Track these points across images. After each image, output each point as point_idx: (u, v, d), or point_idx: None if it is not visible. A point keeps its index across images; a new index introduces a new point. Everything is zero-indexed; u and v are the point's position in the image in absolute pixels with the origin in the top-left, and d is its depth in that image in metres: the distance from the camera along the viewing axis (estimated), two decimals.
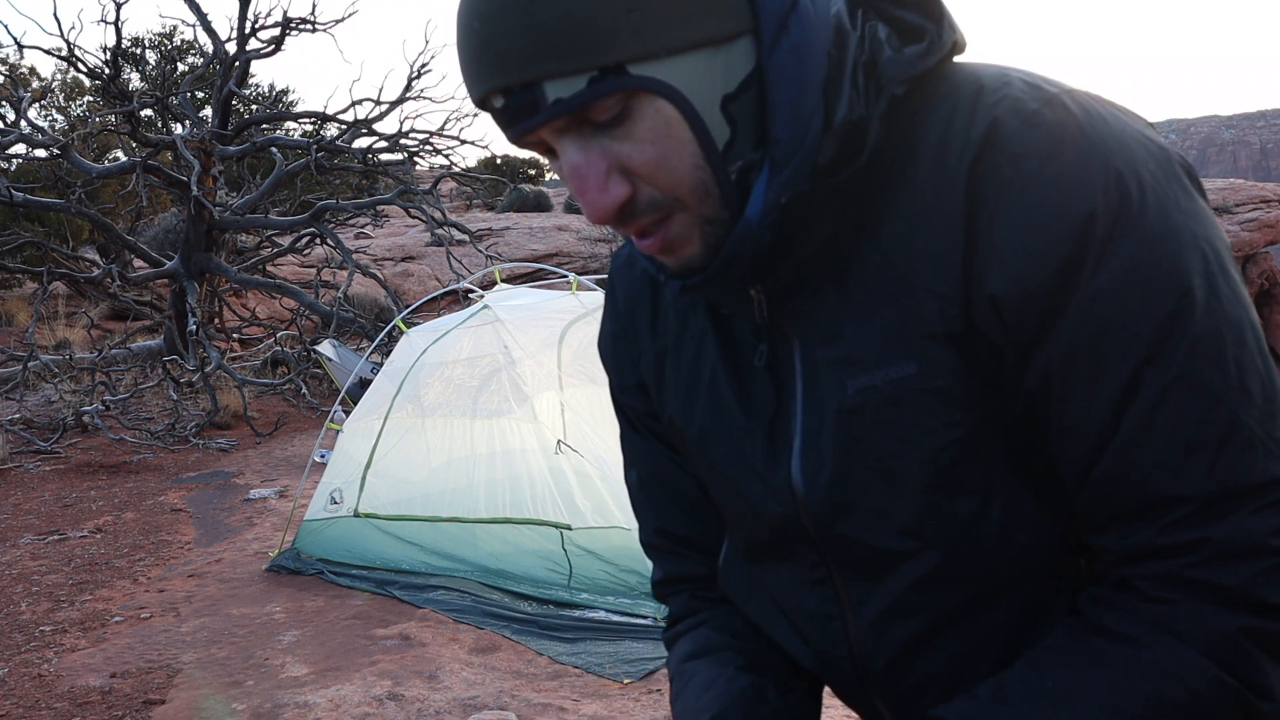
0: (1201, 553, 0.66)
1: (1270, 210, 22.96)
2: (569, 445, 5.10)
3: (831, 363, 0.77)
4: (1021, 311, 0.69)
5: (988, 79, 0.73)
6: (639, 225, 0.74)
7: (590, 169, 0.71)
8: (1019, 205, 0.68)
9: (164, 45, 18.93)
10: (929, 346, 0.73)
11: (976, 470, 0.75)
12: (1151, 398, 0.67)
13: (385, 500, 5.37)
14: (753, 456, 0.84)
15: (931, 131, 0.72)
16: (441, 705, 3.53)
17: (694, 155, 0.71)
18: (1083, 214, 0.67)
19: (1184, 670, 0.66)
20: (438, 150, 12.81)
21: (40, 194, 11.98)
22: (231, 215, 11.64)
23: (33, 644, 4.38)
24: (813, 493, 0.80)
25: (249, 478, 7.66)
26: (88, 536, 6.16)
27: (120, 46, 10.74)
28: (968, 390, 0.73)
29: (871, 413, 0.75)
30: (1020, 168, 0.68)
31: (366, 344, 10.54)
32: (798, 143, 0.71)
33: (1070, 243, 0.67)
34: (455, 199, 25.51)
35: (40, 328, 11.79)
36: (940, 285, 0.72)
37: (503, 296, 5.68)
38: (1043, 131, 0.69)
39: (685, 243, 0.75)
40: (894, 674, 0.83)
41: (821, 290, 0.78)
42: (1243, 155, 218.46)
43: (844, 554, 0.82)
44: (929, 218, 0.72)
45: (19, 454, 8.49)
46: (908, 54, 0.72)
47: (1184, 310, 0.67)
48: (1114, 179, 0.67)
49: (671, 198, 0.72)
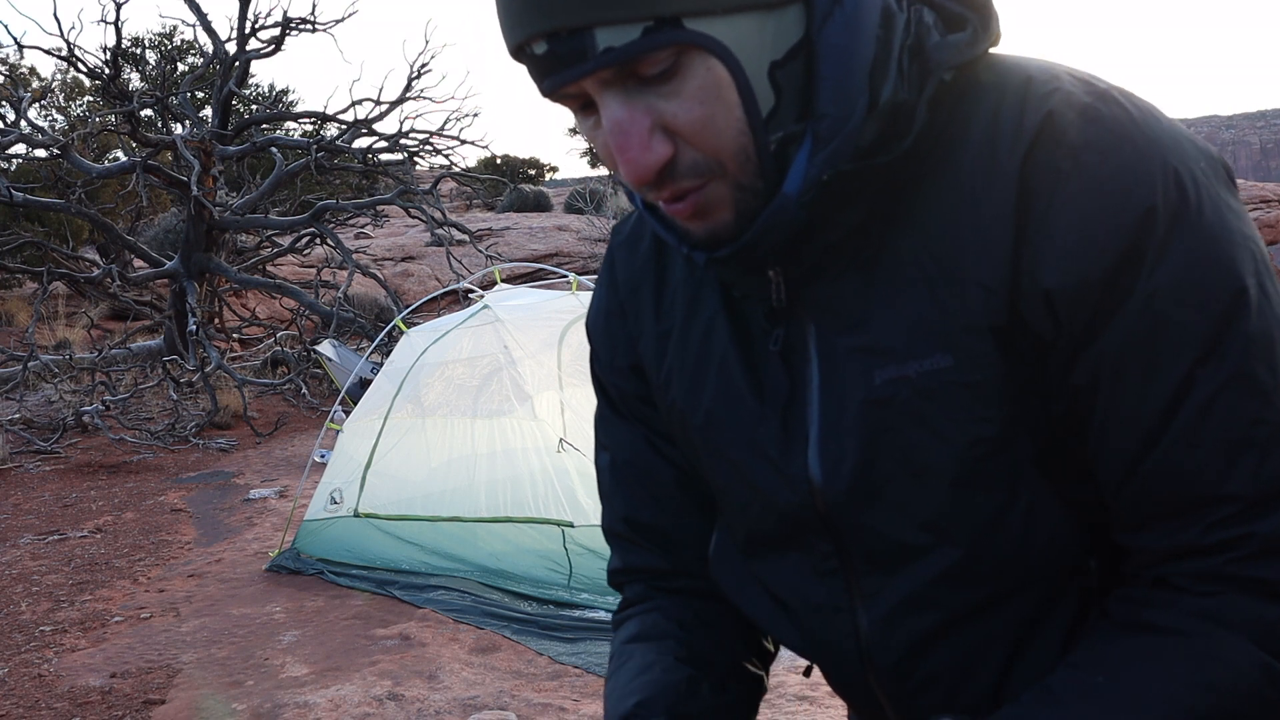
0: (1245, 549, 0.66)
1: (1270, 210, 22.97)
2: (571, 444, 5.10)
3: (856, 351, 0.76)
4: (1076, 306, 0.68)
5: (1035, 71, 0.72)
6: (676, 188, 0.71)
7: (634, 125, 0.68)
8: (1079, 198, 0.67)
9: (164, 45, 18.94)
10: (968, 339, 0.71)
11: (1004, 468, 0.74)
12: (1205, 396, 0.67)
13: (385, 500, 5.37)
14: (766, 443, 0.82)
15: (978, 121, 0.71)
16: (441, 705, 3.53)
17: (739, 119, 0.69)
18: (1143, 208, 0.66)
19: (1236, 656, 0.66)
20: (438, 150, 12.81)
21: (40, 194, 11.97)
22: (231, 215, 11.64)
23: (33, 644, 4.38)
24: (833, 483, 0.78)
25: (249, 478, 7.65)
26: (88, 536, 6.16)
27: (120, 46, 10.74)
28: (1004, 386, 0.72)
29: (901, 404, 0.74)
30: (1080, 160, 0.67)
31: (366, 344, 10.53)
32: (843, 120, 0.70)
33: (1130, 237, 0.66)
34: (455, 199, 25.50)
35: (40, 328, 11.78)
36: (986, 277, 0.70)
37: (503, 296, 5.68)
38: (1101, 126, 0.68)
39: (718, 209, 0.72)
40: (902, 668, 0.82)
41: (844, 277, 0.76)
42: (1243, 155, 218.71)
43: (861, 546, 0.80)
44: (976, 208, 0.71)
45: (19, 454, 8.49)
46: (954, 40, 0.71)
47: (1239, 309, 0.66)
48: (1172, 176, 0.67)
49: (714, 161, 0.70)
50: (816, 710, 3.28)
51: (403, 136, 12.44)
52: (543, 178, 33.28)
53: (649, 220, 0.81)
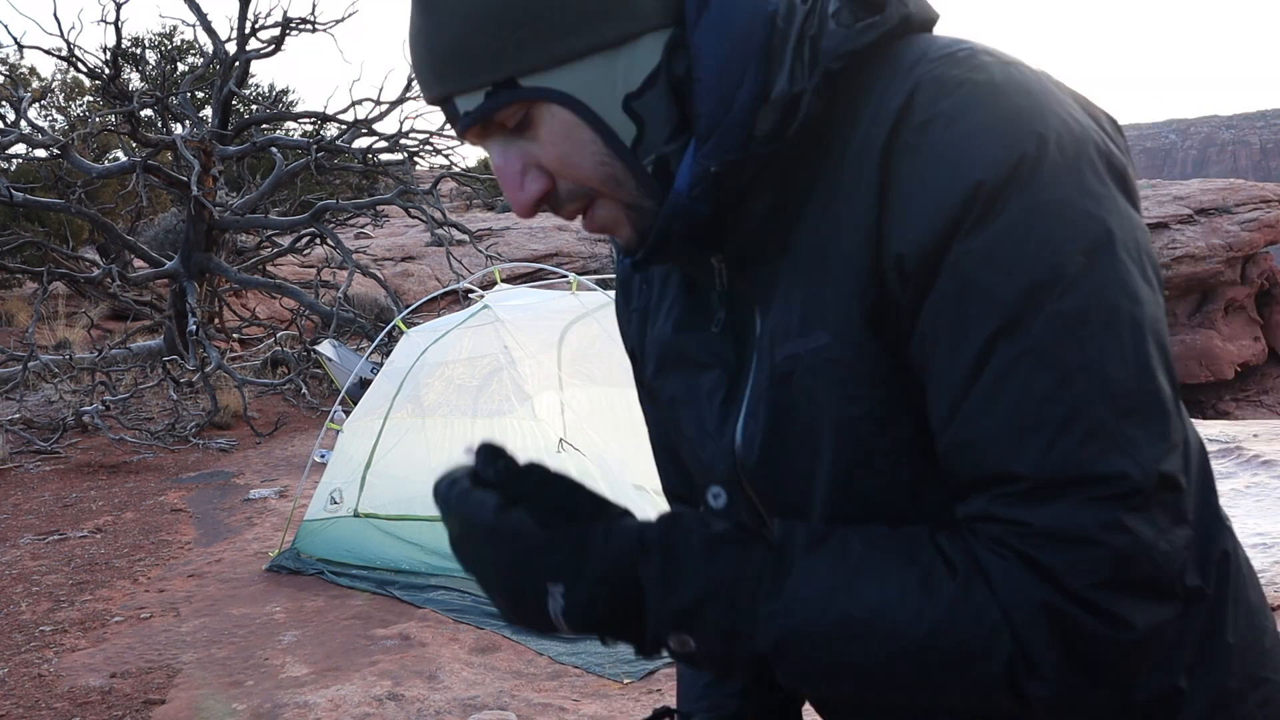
0: (1024, 531, 0.66)
1: (1270, 210, 22.95)
2: (571, 444, 5.10)
3: (770, 331, 0.80)
4: (915, 274, 0.69)
5: (932, 49, 0.73)
6: (568, 211, 0.80)
7: (509, 167, 0.78)
8: (922, 169, 0.69)
9: (164, 45, 18.93)
10: (842, 317, 0.74)
11: (886, 446, 0.75)
12: (1000, 366, 0.67)
13: (385, 500, 5.37)
14: (707, 419, 0.87)
15: (869, 104, 0.73)
16: (441, 705, 3.53)
17: (596, 152, 0.76)
18: (973, 181, 0.67)
19: (979, 610, 0.67)
20: (438, 150, 12.81)
21: (40, 194, 11.97)
22: (231, 215, 11.64)
23: (33, 644, 4.38)
24: (747, 455, 0.82)
25: (249, 478, 7.66)
26: (88, 536, 6.16)
27: (120, 46, 10.74)
28: (873, 365, 0.73)
29: (795, 381, 0.77)
30: (925, 132, 0.69)
31: (366, 344, 10.53)
32: (720, 115, 0.74)
33: (957, 206, 0.67)
34: (455, 199, 25.50)
35: (40, 328, 11.78)
36: (855, 254, 0.72)
37: (503, 296, 5.68)
38: (953, 98, 0.69)
39: (616, 225, 0.80)
40: None
41: (772, 260, 0.80)
42: (1243, 155, 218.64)
43: (775, 515, 0.83)
44: (853, 187, 0.73)
45: (19, 454, 8.49)
46: (850, 30, 0.73)
47: (1051, 283, 0.66)
48: (1013, 147, 0.67)
49: (587, 189, 0.78)
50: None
51: (403, 136, 12.44)
52: None
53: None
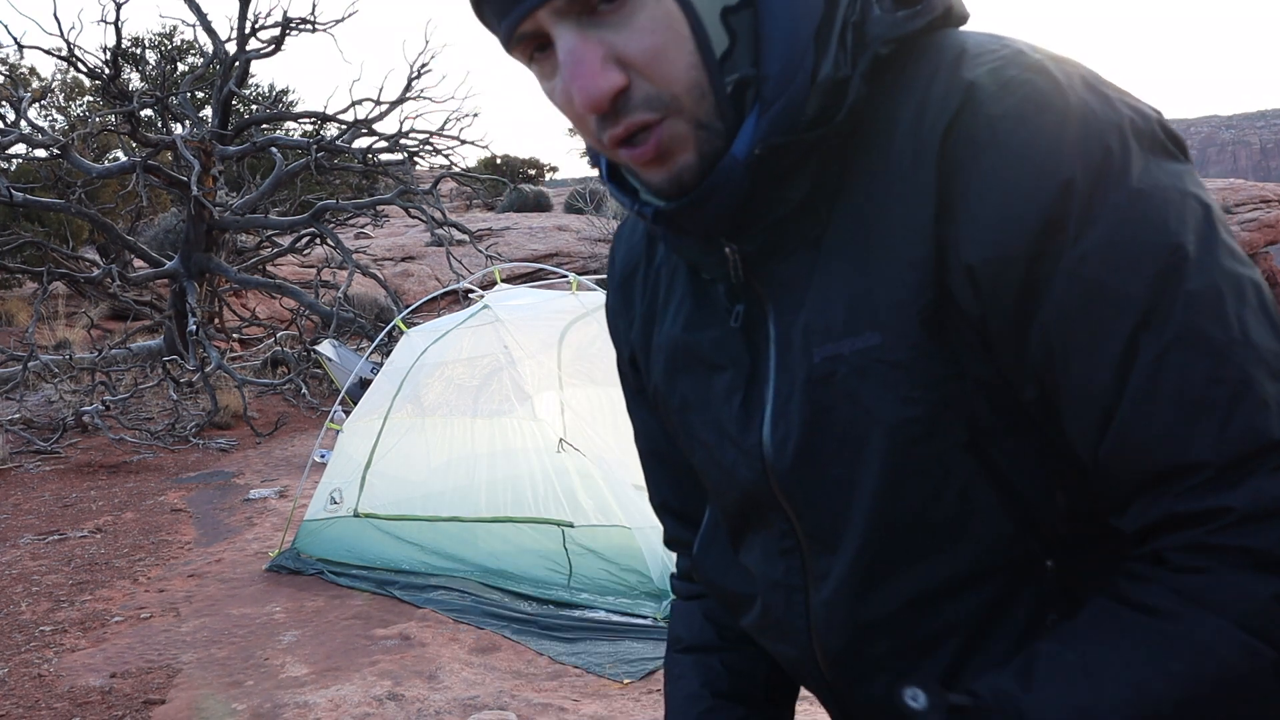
0: (1225, 519, 0.62)
1: (1270, 210, 22.96)
2: (571, 444, 5.10)
3: (801, 330, 0.77)
4: (999, 280, 0.67)
5: (973, 45, 0.72)
6: (632, 121, 0.71)
7: (587, 54, 0.70)
8: (996, 170, 0.67)
9: (164, 45, 18.93)
10: (896, 317, 0.71)
11: (933, 452, 0.73)
12: (1151, 361, 0.64)
13: (385, 500, 5.37)
14: (728, 422, 0.84)
15: (912, 96, 0.71)
16: (441, 705, 3.53)
17: (691, 54, 0.70)
18: (1061, 179, 0.65)
19: (1216, 642, 0.62)
20: (438, 150, 12.81)
21: (40, 194, 11.97)
22: (231, 215, 11.64)
23: (33, 644, 4.38)
24: (780, 459, 0.79)
25: (249, 478, 7.66)
26: (88, 536, 6.16)
27: (120, 46, 10.74)
28: (929, 368, 0.71)
29: (837, 382, 0.74)
30: (996, 131, 0.67)
31: (366, 344, 10.53)
32: (786, 82, 0.71)
33: (1049, 207, 0.65)
34: (455, 199, 25.50)
35: (40, 328, 11.78)
36: (911, 253, 0.70)
37: (503, 296, 5.67)
38: (1019, 95, 0.67)
39: (680, 148, 0.72)
40: (846, 654, 0.82)
41: (796, 255, 0.77)
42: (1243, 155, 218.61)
43: (808, 523, 0.81)
44: (904, 183, 0.70)
45: (19, 454, 8.49)
46: (897, 16, 0.72)
47: (1176, 266, 0.64)
48: (1095, 140, 0.66)
49: (667, 95, 0.70)
50: (817, 710, 3.28)
51: (403, 136, 12.44)
52: (543, 178, 33.28)
53: (608, 188, 0.83)
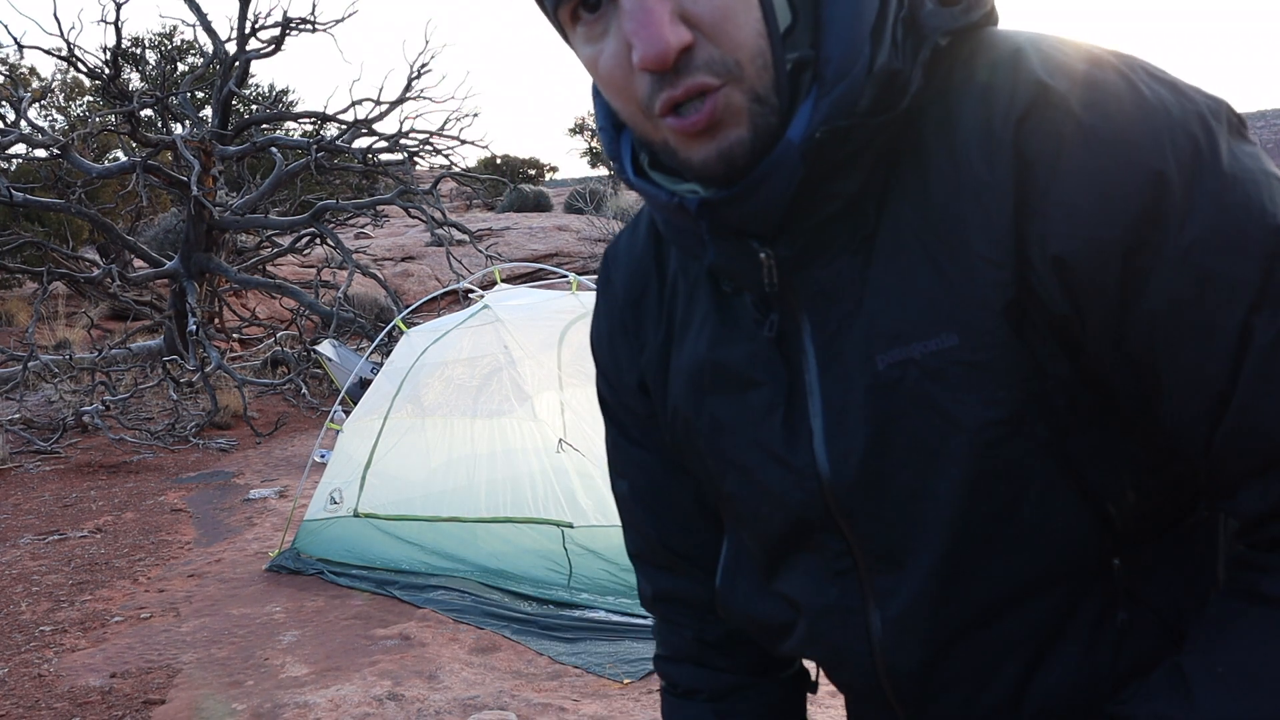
0: None
1: None
2: (570, 444, 5.10)
3: (857, 335, 0.74)
4: (1094, 271, 0.66)
5: (1026, 41, 0.71)
6: (693, 83, 0.68)
7: (657, 5, 0.67)
8: (1085, 162, 0.65)
9: (164, 45, 18.94)
10: (975, 316, 0.69)
11: (1016, 453, 0.71)
12: (1268, 342, 0.64)
13: (385, 500, 5.37)
14: (770, 441, 0.80)
15: (971, 91, 0.70)
16: (441, 705, 3.53)
17: (758, 22, 0.68)
18: (1153, 170, 0.64)
19: None
20: (438, 150, 12.81)
21: (40, 194, 11.96)
22: (231, 215, 11.64)
23: (33, 644, 4.38)
24: (841, 474, 0.76)
25: (249, 478, 7.65)
26: (88, 536, 6.16)
27: (120, 46, 10.73)
28: (1013, 365, 0.70)
29: (908, 388, 0.72)
30: (1081, 124, 0.66)
31: (366, 344, 10.53)
32: (848, 65, 0.69)
33: (1145, 197, 0.64)
34: (455, 199, 25.50)
35: (40, 328, 11.78)
36: (990, 250, 0.69)
37: (503, 296, 5.67)
38: (1099, 89, 0.67)
39: (733, 120, 0.69)
40: (917, 672, 0.79)
41: (839, 261, 0.75)
42: None
43: (872, 542, 0.78)
44: (974, 180, 0.69)
45: (19, 454, 8.48)
46: (953, 10, 0.71)
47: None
48: (1180, 130, 0.65)
49: (731, 61, 0.68)
50: (816, 710, 3.28)
51: (403, 136, 12.44)
52: (543, 178, 33.28)
53: (634, 184, 0.79)
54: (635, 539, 1.01)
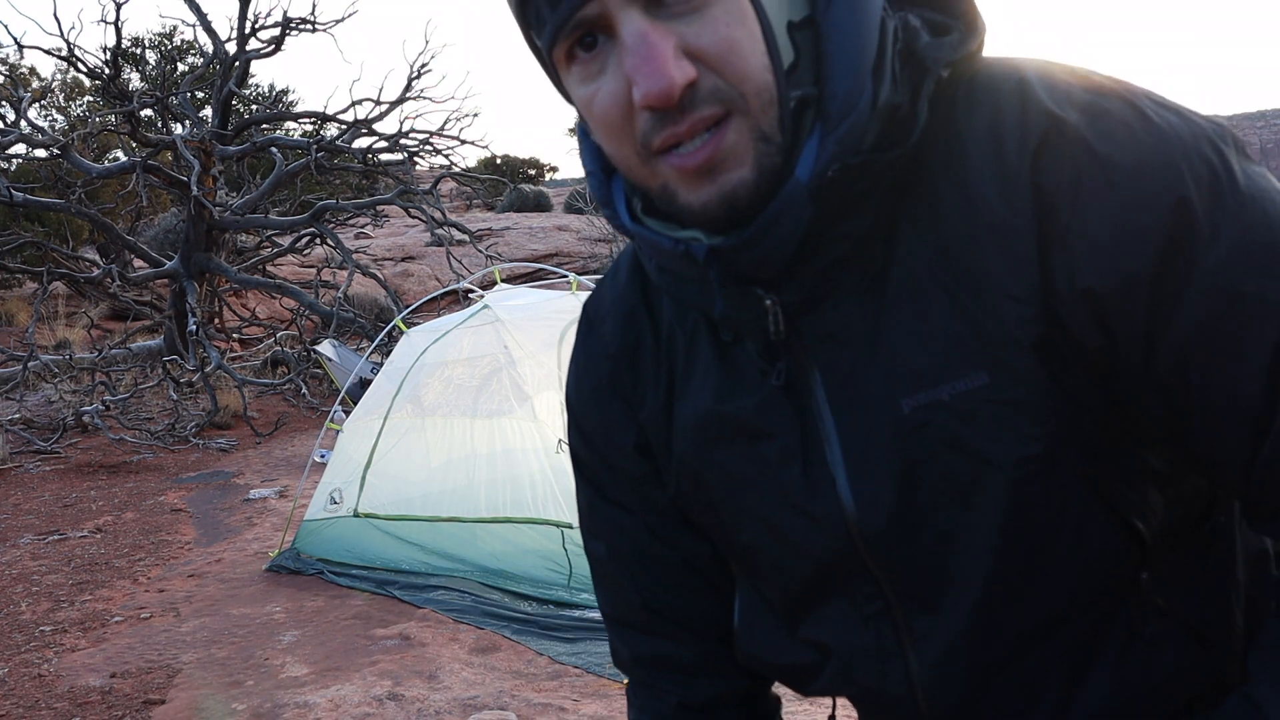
0: None
1: None
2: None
3: (875, 379, 0.72)
4: (1127, 301, 0.65)
5: (1029, 71, 0.70)
6: (698, 117, 0.66)
7: (660, 43, 0.65)
8: (1106, 193, 0.65)
9: (164, 45, 18.93)
10: (1005, 353, 0.68)
11: (1054, 487, 0.70)
12: None
13: (385, 500, 5.37)
14: (788, 491, 0.78)
15: (977, 124, 0.69)
16: (441, 705, 3.53)
17: (763, 55, 0.66)
18: (1176, 195, 0.64)
19: None
20: (438, 150, 12.81)
21: (40, 194, 11.97)
22: (231, 215, 11.64)
23: (33, 644, 4.38)
24: (871, 521, 0.74)
25: (249, 478, 7.65)
26: (88, 536, 6.16)
27: (120, 46, 10.73)
28: (1046, 399, 0.69)
29: (936, 430, 0.70)
30: (1098, 156, 0.65)
31: (366, 344, 10.53)
32: (853, 101, 0.67)
33: (1169, 225, 0.64)
34: (455, 199, 25.51)
35: (40, 328, 11.78)
36: (1015, 288, 0.67)
37: (503, 296, 5.67)
38: (1110, 120, 0.66)
39: (738, 157, 0.67)
40: (961, 708, 0.78)
41: (847, 303, 0.73)
42: None
43: (906, 584, 0.76)
44: (991, 216, 0.68)
45: (19, 454, 8.49)
46: (950, 39, 0.70)
47: None
48: (1195, 156, 0.65)
49: (736, 92, 0.66)
50: (816, 710, 3.28)
51: (403, 136, 12.44)
52: (543, 178, 33.28)
53: (629, 230, 0.76)
54: (613, 601, 0.96)
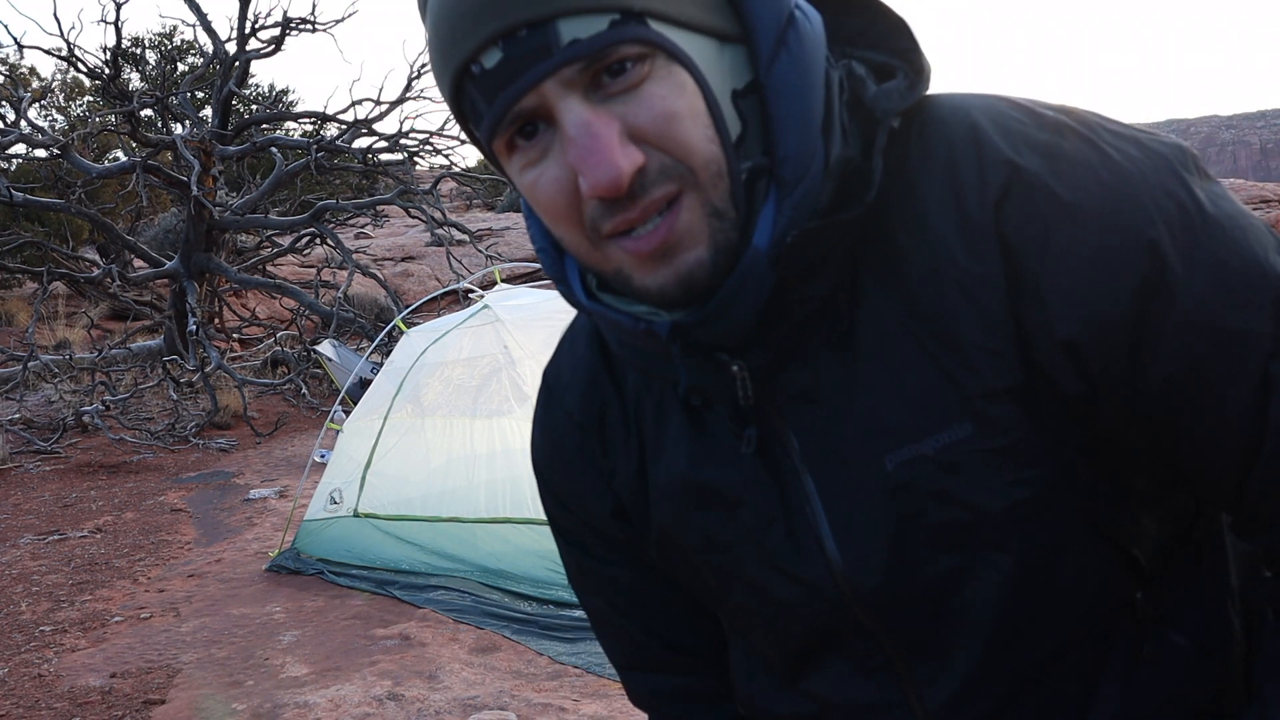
0: None
1: (1270, 210, 22.95)
2: None
3: (853, 436, 0.71)
4: (1105, 346, 0.65)
5: (978, 113, 0.68)
6: (648, 202, 0.64)
7: (604, 130, 0.62)
8: (1072, 242, 0.64)
9: (164, 45, 18.92)
10: (985, 405, 0.68)
11: (1049, 525, 0.70)
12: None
13: (385, 500, 5.37)
14: (774, 555, 0.76)
15: (933, 174, 0.67)
16: (441, 705, 3.53)
17: (708, 128, 0.64)
18: (1146, 236, 0.63)
19: None
20: (438, 150, 12.82)
21: (40, 194, 11.97)
22: (231, 215, 11.64)
23: (33, 644, 4.38)
24: (864, 581, 0.73)
25: (249, 478, 7.65)
26: (88, 536, 6.16)
27: (120, 46, 10.74)
28: (1033, 444, 0.68)
29: (924, 484, 0.69)
30: (1063, 204, 0.64)
31: (366, 344, 10.53)
32: (805, 163, 0.65)
33: (1143, 268, 0.63)
34: (455, 199, 25.50)
35: (40, 328, 11.78)
36: (987, 340, 0.67)
37: (503, 296, 5.67)
38: (1069, 162, 0.65)
39: (693, 237, 0.65)
40: None
41: (815, 360, 0.71)
42: (1243, 155, 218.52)
43: (905, 636, 0.75)
44: (955, 267, 0.67)
45: (19, 454, 8.48)
46: (891, 87, 0.68)
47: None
48: (1160, 190, 0.64)
49: (684, 166, 0.64)
50: None
51: (403, 136, 12.44)
52: None
53: (588, 309, 0.73)
54: (623, 649, 0.94)
